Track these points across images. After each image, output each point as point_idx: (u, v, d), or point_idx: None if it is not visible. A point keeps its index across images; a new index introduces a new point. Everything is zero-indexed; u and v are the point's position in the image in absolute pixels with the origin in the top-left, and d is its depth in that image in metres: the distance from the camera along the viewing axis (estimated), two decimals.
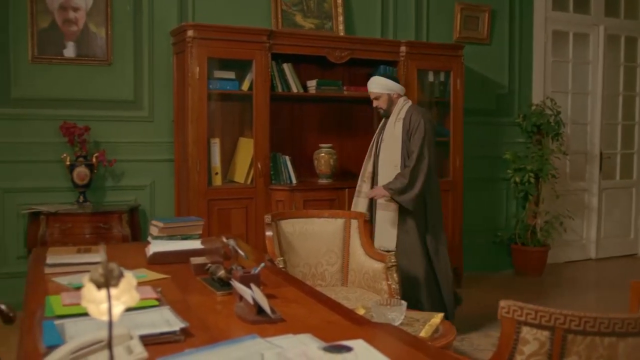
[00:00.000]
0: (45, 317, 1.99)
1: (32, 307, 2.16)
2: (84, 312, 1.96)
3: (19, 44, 5.09)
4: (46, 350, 1.69)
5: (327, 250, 4.04)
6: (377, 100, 4.58)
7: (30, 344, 1.80)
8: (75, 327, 1.85)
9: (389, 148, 4.50)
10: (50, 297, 2.19)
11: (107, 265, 1.16)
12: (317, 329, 1.93)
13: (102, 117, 5.28)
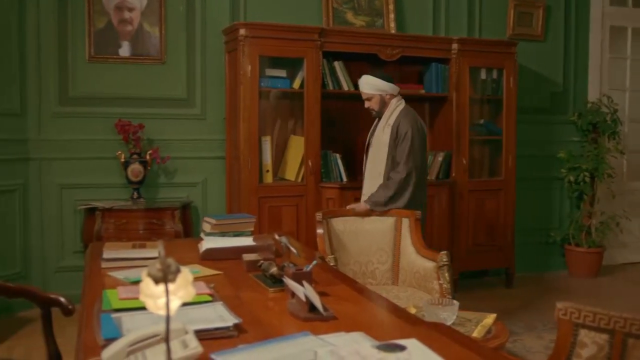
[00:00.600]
0: (102, 311, 2.03)
1: (90, 301, 2.21)
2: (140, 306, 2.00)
3: (76, 44, 5.22)
4: (104, 342, 1.72)
5: (377, 248, 4.03)
6: (368, 101, 4.37)
7: (89, 336, 1.83)
8: (132, 321, 1.88)
9: (375, 155, 4.32)
10: (107, 291, 2.24)
11: (165, 261, 1.18)
12: (369, 327, 1.92)
13: (156, 114, 5.37)
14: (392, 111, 4.31)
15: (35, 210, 5.23)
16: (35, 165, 5.20)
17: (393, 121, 4.25)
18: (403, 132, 4.17)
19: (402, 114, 4.28)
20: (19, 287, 2.72)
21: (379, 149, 4.28)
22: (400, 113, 4.28)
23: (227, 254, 2.90)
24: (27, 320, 4.88)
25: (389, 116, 4.30)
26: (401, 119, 4.24)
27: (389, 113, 4.31)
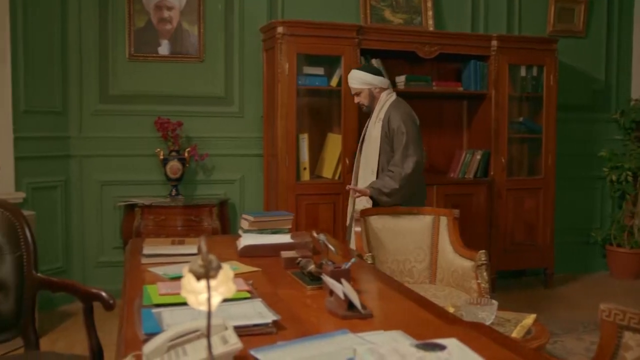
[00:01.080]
0: (143, 306, 2.06)
1: (130, 296, 2.24)
2: (179, 302, 2.02)
3: (117, 42, 5.30)
4: (145, 337, 1.74)
5: (415, 247, 4.01)
6: (357, 96, 4.32)
7: (130, 331, 1.86)
8: (172, 316, 1.90)
9: (368, 150, 4.27)
10: (148, 286, 2.26)
11: (207, 257, 1.19)
12: (408, 326, 1.91)
13: (194, 112, 5.42)
14: (382, 105, 4.24)
15: (76, 206, 5.32)
16: (76, 162, 5.29)
17: (383, 115, 4.19)
18: (395, 125, 4.11)
19: (392, 107, 4.21)
20: (62, 281, 2.77)
21: (370, 145, 4.23)
22: (390, 106, 4.21)
23: (264, 251, 2.91)
24: (68, 314, 4.98)
25: (379, 110, 4.23)
26: (391, 112, 4.17)
27: (379, 107, 4.24)
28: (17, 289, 2.66)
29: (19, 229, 2.71)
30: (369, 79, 4.24)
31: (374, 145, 4.19)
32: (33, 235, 2.75)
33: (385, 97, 4.28)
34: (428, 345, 1.54)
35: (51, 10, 5.09)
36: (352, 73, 4.32)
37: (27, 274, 2.69)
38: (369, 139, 4.26)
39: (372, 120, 4.26)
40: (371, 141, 4.21)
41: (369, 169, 4.24)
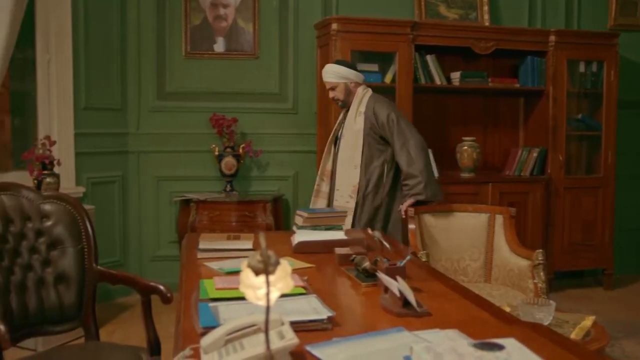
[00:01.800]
0: (200, 300, 2.08)
1: (187, 289, 2.27)
2: (236, 296, 2.04)
3: (174, 40, 5.39)
4: (202, 330, 1.77)
5: (470, 245, 3.96)
6: (333, 90, 4.18)
7: (187, 324, 1.88)
8: (228, 310, 1.91)
9: (348, 145, 4.11)
10: (204, 280, 2.29)
11: (266, 253, 1.19)
12: (464, 325, 1.89)
13: (249, 109, 5.47)
14: (361, 99, 4.13)
15: (133, 201, 5.43)
16: (133, 158, 5.40)
17: (365, 108, 4.07)
18: (384, 115, 4.00)
19: (373, 99, 4.11)
20: (122, 274, 2.83)
21: (352, 139, 4.08)
22: (370, 99, 4.11)
23: (318, 247, 2.91)
24: (125, 306, 5.09)
25: (359, 104, 4.11)
26: (374, 104, 4.07)
27: (358, 101, 4.13)
28: (79, 281, 2.73)
29: (80, 223, 2.78)
30: (345, 73, 4.13)
31: (356, 140, 4.05)
32: (93, 228, 2.81)
33: (362, 91, 4.16)
34: (486, 344, 1.52)
35: (111, 10, 5.20)
36: (327, 67, 4.21)
37: (88, 266, 2.76)
38: (349, 135, 4.11)
39: (351, 114, 4.12)
40: (353, 136, 4.07)
41: (351, 165, 4.09)
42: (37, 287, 2.66)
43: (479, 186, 5.24)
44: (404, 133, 3.98)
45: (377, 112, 4.02)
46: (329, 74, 4.17)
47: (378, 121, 4.01)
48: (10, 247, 2.62)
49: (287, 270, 1.27)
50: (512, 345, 1.58)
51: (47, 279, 2.70)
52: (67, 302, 2.70)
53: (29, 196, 2.75)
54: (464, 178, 5.34)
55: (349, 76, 4.13)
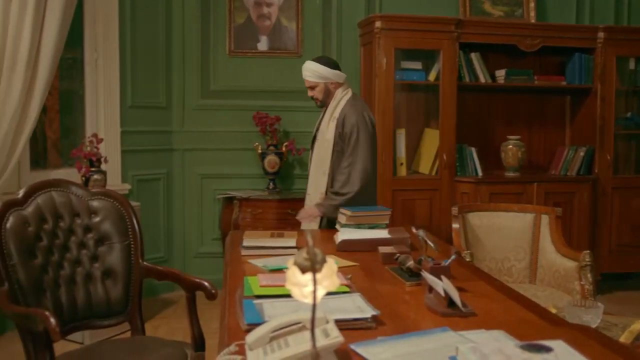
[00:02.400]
0: (244, 296, 2.10)
1: (232, 286, 2.29)
2: (280, 294, 2.05)
3: (218, 39, 5.44)
4: (247, 327, 1.78)
5: (515, 245, 3.91)
6: (312, 90, 3.92)
7: (232, 321, 1.90)
8: (273, 307, 1.92)
9: (320, 151, 3.88)
10: (248, 277, 2.31)
11: (312, 250, 1.19)
12: (510, 326, 1.86)
13: (292, 107, 5.48)
14: (338, 102, 3.86)
15: (177, 198, 5.50)
16: (178, 155, 5.47)
17: (338, 114, 3.81)
18: (349, 126, 3.74)
19: (348, 105, 3.82)
20: (168, 270, 2.87)
21: (323, 145, 3.85)
22: (346, 104, 3.83)
23: (362, 245, 2.91)
24: (169, 302, 5.16)
25: (334, 108, 3.85)
26: (347, 111, 3.79)
27: (334, 104, 3.86)
28: (125, 276, 2.78)
29: (127, 219, 2.83)
30: (325, 73, 3.86)
31: (327, 146, 3.82)
32: (140, 225, 2.86)
33: (341, 94, 3.89)
34: (533, 346, 1.49)
35: (156, 10, 5.28)
36: (308, 65, 3.92)
37: (135, 262, 2.80)
38: (321, 139, 3.89)
39: (326, 119, 3.88)
40: (324, 143, 3.85)
41: (320, 171, 3.88)
42: (86, 281, 2.72)
43: (524, 186, 5.17)
44: (357, 152, 3.75)
45: (346, 120, 3.77)
46: (309, 72, 3.90)
47: (343, 131, 3.77)
48: (60, 242, 2.68)
49: (333, 269, 1.27)
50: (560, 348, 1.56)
51: (95, 274, 2.75)
52: (114, 297, 2.76)
53: (78, 193, 2.81)
54: (508, 177, 5.27)
55: (329, 76, 3.87)
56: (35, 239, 2.57)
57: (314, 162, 3.94)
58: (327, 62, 3.93)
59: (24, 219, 2.55)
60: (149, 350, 2.54)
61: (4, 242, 2.43)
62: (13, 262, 2.43)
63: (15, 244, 2.45)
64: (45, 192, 2.70)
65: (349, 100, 3.85)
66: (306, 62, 3.94)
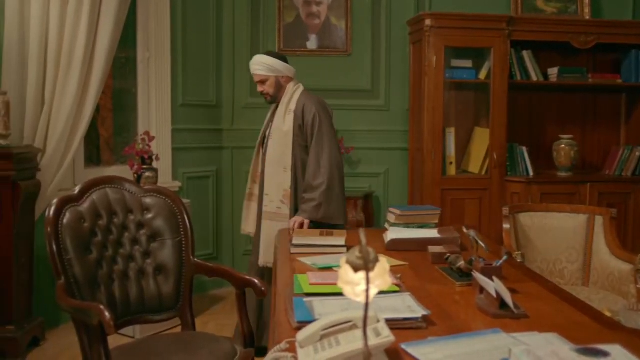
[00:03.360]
0: (294, 294, 2.11)
1: (282, 284, 2.30)
2: (329, 292, 2.06)
3: (267, 38, 5.48)
4: (298, 325, 1.79)
5: (567, 246, 3.83)
6: (262, 84, 3.79)
7: (282, 318, 1.91)
8: (323, 306, 1.93)
9: (277, 146, 3.74)
10: (298, 275, 2.32)
11: (366, 249, 1.19)
12: (564, 329, 1.83)
13: (341, 105, 5.47)
14: (291, 96, 3.78)
15: (226, 195, 5.56)
16: (227, 153, 5.53)
17: (294, 106, 3.73)
18: (311, 115, 3.67)
19: (304, 96, 3.77)
20: (219, 267, 2.91)
21: (281, 140, 3.73)
22: (301, 96, 3.77)
23: (411, 245, 2.89)
24: (218, 298, 5.21)
25: (289, 101, 3.76)
26: (305, 102, 3.73)
27: (288, 98, 3.77)
28: (177, 272, 2.82)
29: (178, 216, 2.87)
30: (276, 66, 3.76)
31: (286, 140, 3.71)
32: (191, 222, 2.90)
33: (293, 88, 3.82)
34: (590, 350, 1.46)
35: (207, 10, 5.34)
36: (258, 58, 3.80)
37: (186, 258, 2.84)
38: (277, 134, 3.75)
39: (280, 112, 3.77)
40: (282, 136, 3.72)
41: (280, 167, 3.74)
42: (138, 277, 2.77)
43: (577, 186, 5.06)
44: (322, 141, 3.67)
45: (305, 110, 3.70)
46: (259, 66, 3.78)
47: (305, 120, 3.69)
48: (114, 238, 2.73)
49: (386, 268, 1.26)
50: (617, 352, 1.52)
51: (147, 269, 2.80)
52: (165, 293, 2.80)
53: (131, 190, 2.86)
54: (560, 177, 5.17)
55: (280, 70, 3.78)
56: (90, 234, 2.63)
57: (270, 161, 3.78)
58: (277, 55, 3.87)
59: (79, 215, 2.61)
60: (200, 346, 2.57)
61: (61, 238, 2.49)
62: (69, 256, 2.49)
63: (71, 239, 2.52)
64: (100, 189, 2.76)
65: (303, 93, 3.80)
66: (255, 56, 3.84)
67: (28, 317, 3.99)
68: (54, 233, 2.48)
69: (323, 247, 2.82)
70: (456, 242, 2.84)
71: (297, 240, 2.88)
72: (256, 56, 3.85)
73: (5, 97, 3.81)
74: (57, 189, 4.19)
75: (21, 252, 3.87)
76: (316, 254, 2.78)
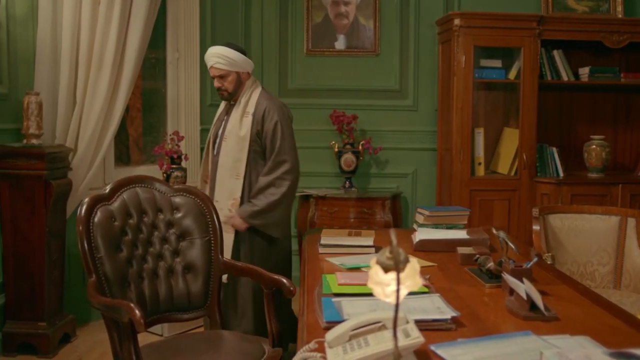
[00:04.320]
0: (322, 294, 2.11)
1: (310, 284, 2.31)
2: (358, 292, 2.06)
3: (296, 38, 5.48)
4: (326, 324, 1.79)
5: (598, 249, 3.78)
6: (221, 79, 3.46)
7: (311, 318, 1.91)
8: (352, 306, 1.93)
9: (232, 152, 3.45)
10: (327, 275, 2.32)
11: (396, 250, 1.19)
12: (596, 332, 1.81)
13: (369, 106, 5.48)
14: (249, 96, 3.47)
15: None
16: None
17: (253, 109, 3.43)
18: (272, 123, 3.40)
19: (264, 99, 3.48)
20: (247, 266, 2.91)
21: (237, 145, 3.43)
22: (261, 98, 3.48)
23: (440, 246, 2.88)
24: None
25: (247, 102, 3.47)
26: (266, 106, 3.44)
27: (246, 98, 3.47)
28: (205, 271, 2.83)
29: (207, 215, 2.89)
30: (239, 61, 3.45)
31: (241, 146, 3.42)
32: (220, 221, 2.91)
33: (251, 85, 3.52)
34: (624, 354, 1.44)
35: (235, 10, 5.37)
36: (220, 51, 3.47)
37: (215, 257, 2.86)
38: (233, 138, 3.44)
39: (237, 114, 3.46)
40: (237, 141, 3.43)
41: (232, 173, 3.47)
42: (167, 275, 2.79)
43: (608, 187, 4.98)
44: (283, 152, 3.43)
45: (266, 117, 3.42)
46: (220, 59, 3.44)
47: (264, 127, 3.42)
48: (144, 237, 2.76)
49: (416, 269, 1.26)
50: None
51: (176, 268, 2.82)
52: (194, 291, 2.82)
53: (161, 189, 2.89)
54: (591, 178, 5.09)
55: (242, 65, 3.48)
56: (121, 233, 2.66)
57: (222, 166, 3.48)
58: (239, 49, 3.54)
59: (110, 214, 2.63)
60: (228, 345, 2.59)
61: (92, 236, 2.52)
62: (100, 255, 2.51)
63: (102, 237, 2.54)
64: (130, 188, 2.78)
65: (262, 94, 3.52)
66: (216, 48, 3.52)
67: (59, 314, 4.05)
68: (85, 231, 2.51)
69: (351, 247, 2.82)
70: (485, 243, 2.82)
71: (325, 240, 2.88)
72: (217, 48, 3.52)
73: (38, 98, 3.87)
74: (88, 188, 4.25)
75: (53, 250, 3.93)
76: (344, 254, 2.78)
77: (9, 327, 3.86)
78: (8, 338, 3.85)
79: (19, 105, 3.91)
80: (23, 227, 3.81)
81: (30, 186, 3.80)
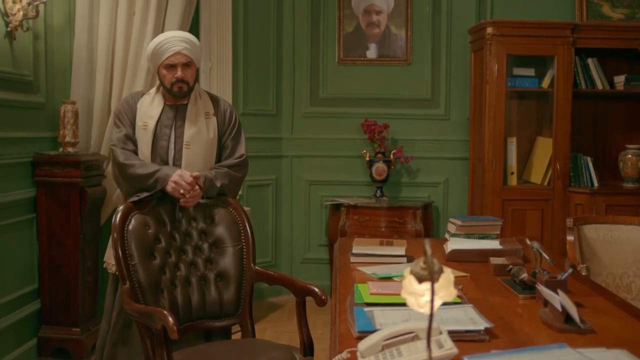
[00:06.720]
0: (355, 304, 2.11)
1: (342, 293, 2.30)
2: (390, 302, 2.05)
3: (327, 47, 5.51)
4: (359, 334, 1.79)
5: (634, 260, 3.71)
6: (186, 68, 2.99)
7: (343, 327, 1.91)
8: (384, 316, 1.92)
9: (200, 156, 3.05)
10: (359, 285, 2.31)
11: (431, 260, 1.19)
12: (634, 345, 1.77)
13: (401, 115, 5.47)
14: (199, 94, 3.14)
15: (285, 204, 5.60)
16: (287, 162, 5.57)
17: (212, 109, 3.12)
18: (233, 122, 3.16)
19: (219, 98, 3.23)
20: (279, 275, 2.93)
21: (207, 150, 3.08)
22: (216, 97, 3.22)
23: (472, 256, 2.86)
24: (276, 305, 5.25)
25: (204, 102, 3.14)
26: (222, 103, 3.18)
27: (197, 97, 3.11)
28: (237, 279, 2.85)
29: (240, 224, 2.91)
30: (200, 54, 3.12)
31: (212, 150, 3.10)
32: (252, 229, 2.93)
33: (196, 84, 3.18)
34: None
35: (267, 20, 5.41)
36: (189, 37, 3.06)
37: (247, 266, 2.87)
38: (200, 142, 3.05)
39: (194, 115, 3.07)
40: (207, 146, 3.07)
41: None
42: (200, 283, 2.81)
43: None
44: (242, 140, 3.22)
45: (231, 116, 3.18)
46: (189, 45, 3.01)
47: (229, 125, 3.16)
48: (177, 245, 2.78)
49: (450, 279, 1.25)
50: None
51: (208, 276, 2.84)
52: (226, 299, 2.84)
53: None
54: (627, 188, 5.02)
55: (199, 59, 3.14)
56: (154, 241, 2.69)
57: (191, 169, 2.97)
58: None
59: (144, 222, 2.67)
60: (260, 353, 2.59)
61: (127, 243, 2.55)
62: (134, 262, 2.54)
63: (136, 245, 2.58)
64: (164, 197, 2.81)
65: (210, 93, 3.24)
66: (178, 32, 3.15)
67: (92, 319, 4.10)
68: (120, 239, 2.54)
69: (383, 257, 2.81)
70: (519, 254, 2.79)
71: (357, 250, 2.88)
72: (179, 32, 3.15)
73: (74, 107, 3.94)
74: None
75: (87, 256, 3.99)
76: (376, 263, 2.77)
77: (44, 332, 3.92)
78: (43, 343, 3.91)
79: (56, 114, 3.98)
80: (58, 233, 3.87)
81: (65, 193, 3.86)
